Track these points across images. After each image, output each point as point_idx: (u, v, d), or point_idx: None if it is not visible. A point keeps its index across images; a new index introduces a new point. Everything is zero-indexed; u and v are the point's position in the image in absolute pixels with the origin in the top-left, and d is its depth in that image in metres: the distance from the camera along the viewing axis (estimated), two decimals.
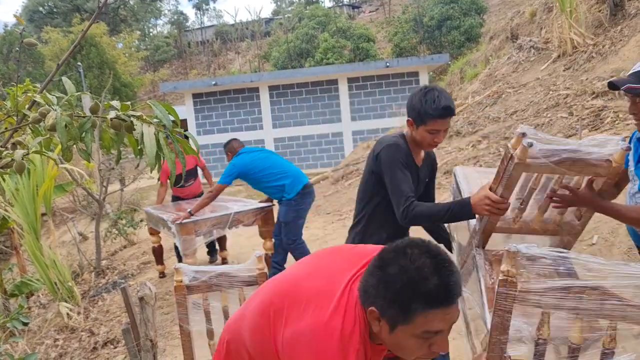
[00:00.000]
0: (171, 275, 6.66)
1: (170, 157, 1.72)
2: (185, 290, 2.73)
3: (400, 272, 1.35)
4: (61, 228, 11.37)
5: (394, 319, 1.37)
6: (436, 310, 1.33)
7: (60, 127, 1.63)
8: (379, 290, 1.38)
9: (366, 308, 1.42)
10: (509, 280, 1.68)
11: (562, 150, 2.16)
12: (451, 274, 1.35)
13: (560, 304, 1.67)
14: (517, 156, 2.14)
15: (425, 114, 2.61)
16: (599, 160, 2.18)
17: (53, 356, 5.29)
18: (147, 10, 47.88)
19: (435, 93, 2.61)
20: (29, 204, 6.09)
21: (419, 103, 2.63)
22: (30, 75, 27.27)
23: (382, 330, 1.41)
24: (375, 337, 1.48)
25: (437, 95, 2.59)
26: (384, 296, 1.37)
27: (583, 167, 2.19)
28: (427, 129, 2.64)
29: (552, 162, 2.14)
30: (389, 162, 2.71)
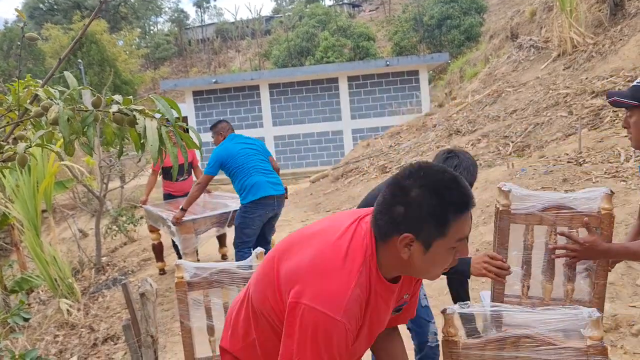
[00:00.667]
0: (171, 272, 6.67)
1: (172, 152, 1.72)
2: (186, 286, 2.74)
3: (427, 190, 1.40)
4: (61, 225, 11.38)
5: (430, 235, 1.41)
6: (464, 215, 1.43)
7: (63, 121, 1.63)
8: (410, 213, 1.41)
9: (393, 237, 1.44)
10: (450, 340, 1.84)
11: (546, 198, 2.34)
12: (462, 180, 1.45)
13: (500, 355, 1.81)
14: (501, 204, 2.34)
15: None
16: (586, 208, 2.28)
17: (53, 352, 5.30)
18: (148, 8, 47.85)
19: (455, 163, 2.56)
20: (29, 200, 6.09)
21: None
22: (30, 72, 27.21)
23: (414, 254, 1.44)
24: (387, 270, 1.51)
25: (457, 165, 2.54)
26: (418, 217, 1.40)
27: (572, 216, 2.29)
28: None
29: (538, 210, 2.32)
30: None
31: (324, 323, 1.38)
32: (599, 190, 2.30)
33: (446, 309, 1.87)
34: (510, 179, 6.70)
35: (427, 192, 1.40)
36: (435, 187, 1.41)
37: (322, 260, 1.46)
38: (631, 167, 5.84)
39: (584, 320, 1.74)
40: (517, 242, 2.44)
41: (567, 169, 6.26)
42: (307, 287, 1.42)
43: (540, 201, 2.36)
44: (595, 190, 2.30)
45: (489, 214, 6.07)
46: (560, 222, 2.31)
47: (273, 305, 1.53)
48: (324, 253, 1.47)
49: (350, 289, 1.41)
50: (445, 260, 1.47)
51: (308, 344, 1.40)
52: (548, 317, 1.82)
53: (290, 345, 1.43)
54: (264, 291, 1.57)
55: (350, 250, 1.47)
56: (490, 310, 1.88)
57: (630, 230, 2.55)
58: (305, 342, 1.40)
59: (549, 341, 1.76)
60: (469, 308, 1.89)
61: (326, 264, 1.45)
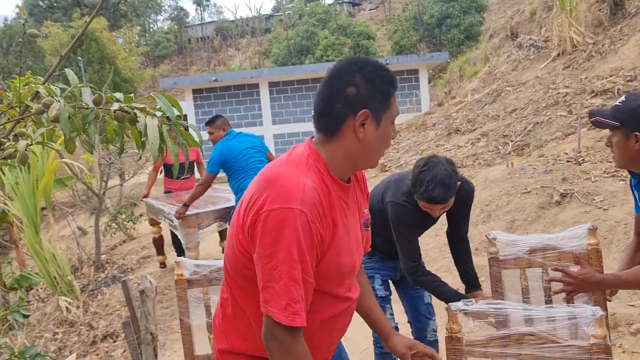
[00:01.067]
0: (170, 270, 6.68)
1: (173, 150, 1.73)
2: (186, 284, 2.74)
3: (367, 72, 1.57)
4: (61, 222, 11.38)
5: (380, 109, 1.57)
6: (394, 95, 1.62)
7: (64, 119, 1.64)
8: (363, 90, 1.55)
9: (347, 121, 1.56)
10: (453, 336, 1.87)
11: (532, 241, 2.48)
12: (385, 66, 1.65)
13: (504, 352, 1.84)
14: (490, 252, 2.50)
15: (415, 192, 2.64)
16: (572, 247, 2.40)
17: (52, 349, 5.31)
18: (148, 6, 47.78)
19: (428, 178, 2.55)
20: (28, 198, 6.10)
21: (413, 177, 2.64)
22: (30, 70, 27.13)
23: (368, 132, 1.56)
24: (337, 170, 1.62)
25: (429, 180, 2.54)
26: (370, 91, 1.55)
27: (559, 255, 2.41)
28: (420, 203, 2.68)
29: (525, 253, 2.47)
30: (396, 221, 2.80)
31: (283, 216, 1.44)
32: (582, 227, 2.42)
33: (450, 306, 1.88)
34: (509, 177, 6.71)
35: (369, 73, 1.57)
36: (372, 69, 1.58)
37: (269, 175, 1.55)
38: None
39: (587, 318, 1.75)
40: (513, 285, 2.54)
41: (566, 168, 6.27)
42: (262, 199, 1.48)
43: (526, 244, 2.49)
44: (579, 228, 2.43)
45: (487, 213, 6.08)
46: (549, 262, 2.42)
47: (242, 248, 1.57)
48: (268, 171, 1.58)
49: (302, 182, 1.50)
50: (390, 135, 1.62)
51: (276, 244, 1.45)
52: (552, 315, 1.85)
53: (261, 255, 1.48)
54: (232, 246, 1.63)
55: (291, 159, 1.60)
56: (494, 307, 1.89)
57: (626, 250, 2.58)
58: (273, 243, 1.45)
59: (553, 339, 1.77)
60: (472, 305, 1.90)
61: (273, 175, 1.54)
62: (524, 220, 5.58)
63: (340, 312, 1.70)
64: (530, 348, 1.81)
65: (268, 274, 1.47)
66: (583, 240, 2.39)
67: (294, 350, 1.51)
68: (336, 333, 1.75)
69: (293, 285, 1.47)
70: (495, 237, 2.54)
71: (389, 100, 1.58)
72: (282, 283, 1.46)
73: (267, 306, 1.49)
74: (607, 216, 4.95)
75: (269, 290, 1.48)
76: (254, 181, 1.58)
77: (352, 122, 1.55)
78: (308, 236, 1.47)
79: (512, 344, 1.83)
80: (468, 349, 1.88)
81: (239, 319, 1.68)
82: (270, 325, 1.50)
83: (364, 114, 1.54)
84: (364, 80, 1.55)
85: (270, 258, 1.46)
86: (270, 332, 1.50)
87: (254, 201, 1.51)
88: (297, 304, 1.48)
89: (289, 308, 1.46)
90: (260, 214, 1.47)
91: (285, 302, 1.46)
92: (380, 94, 1.56)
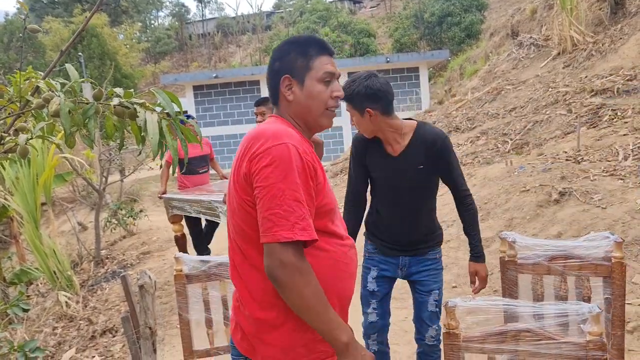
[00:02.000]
0: (170, 266, 6.69)
1: (173, 145, 1.74)
2: (185, 279, 2.76)
3: (291, 42, 1.82)
4: (61, 218, 11.39)
5: (301, 70, 1.76)
6: (325, 56, 1.79)
7: (64, 113, 1.65)
8: (283, 60, 1.78)
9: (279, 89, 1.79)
10: (451, 333, 1.89)
11: (552, 246, 2.41)
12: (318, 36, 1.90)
13: (501, 348, 1.85)
14: (507, 255, 2.43)
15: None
16: (597, 257, 2.32)
17: (52, 344, 5.32)
18: (149, 2, 47.71)
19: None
20: (28, 193, 6.11)
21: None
22: (31, 65, 27.09)
23: (295, 93, 1.77)
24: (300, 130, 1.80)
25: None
26: (288, 60, 1.77)
27: (580, 264, 2.33)
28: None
29: (545, 260, 2.40)
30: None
31: (278, 151, 1.57)
32: (603, 235, 2.36)
33: (448, 302, 1.89)
34: (508, 176, 6.72)
35: (292, 44, 1.81)
36: (296, 39, 1.83)
37: (254, 133, 1.68)
38: (629, 165, 5.86)
39: (584, 315, 1.77)
40: (524, 290, 2.50)
41: (566, 167, 6.28)
42: (256, 146, 1.61)
43: (546, 250, 2.43)
44: (603, 237, 2.36)
45: (486, 211, 6.09)
46: (569, 271, 2.37)
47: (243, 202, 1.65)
48: (252, 131, 1.72)
49: (285, 128, 1.68)
50: (321, 93, 1.77)
51: (274, 173, 1.55)
52: (549, 311, 1.86)
53: (261, 188, 1.57)
54: (234, 209, 1.71)
55: (263, 124, 1.77)
56: (492, 303, 1.91)
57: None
58: (272, 174, 1.55)
59: (549, 335, 1.79)
60: (471, 301, 1.92)
61: (259, 131, 1.68)
62: (522, 218, 5.59)
63: (341, 254, 1.76)
64: (527, 344, 1.82)
65: (268, 204, 1.55)
66: (604, 249, 2.33)
67: (304, 269, 1.54)
68: (344, 281, 1.77)
69: (297, 206, 1.54)
70: (515, 239, 2.48)
71: (309, 60, 1.77)
72: (286, 206, 1.53)
73: (269, 233, 1.53)
74: (605, 215, 4.96)
75: (270, 218, 1.53)
76: (242, 142, 1.70)
77: (282, 89, 1.78)
78: (303, 165, 1.60)
79: (508, 340, 1.84)
80: (465, 345, 1.89)
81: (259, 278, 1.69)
82: (274, 252, 1.53)
83: (285, 79, 1.76)
84: (283, 52, 1.80)
85: (270, 188, 1.55)
86: (276, 260, 1.53)
87: (246, 151, 1.64)
88: (304, 221, 1.54)
89: (297, 225, 1.53)
90: (255, 156, 1.60)
91: (292, 221, 1.52)
92: (299, 56, 1.77)
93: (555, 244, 2.46)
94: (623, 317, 2.35)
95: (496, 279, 4.66)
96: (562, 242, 2.46)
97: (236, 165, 1.68)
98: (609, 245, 2.33)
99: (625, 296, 3.97)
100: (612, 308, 2.34)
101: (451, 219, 6.26)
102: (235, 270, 1.76)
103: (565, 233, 4.98)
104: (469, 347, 1.90)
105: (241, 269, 1.72)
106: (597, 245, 2.37)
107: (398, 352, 3.85)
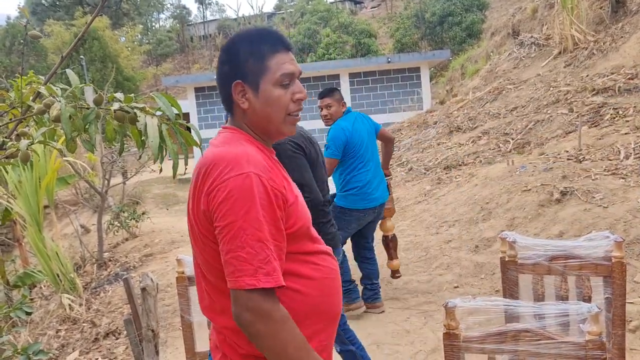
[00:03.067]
0: (172, 268, 6.71)
1: (173, 149, 1.75)
2: (187, 281, 2.77)
3: (240, 41, 1.58)
4: (63, 220, 11.42)
5: (255, 75, 1.55)
6: (281, 52, 1.57)
7: (65, 118, 1.66)
8: (232, 64, 1.57)
9: (232, 88, 1.57)
10: (451, 333, 1.88)
11: (552, 246, 2.41)
12: (272, 28, 1.66)
13: (501, 348, 1.85)
14: (508, 255, 2.43)
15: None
16: (597, 257, 2.32)
17: (55, 347, 5.34)
18: (150, 4, 47.78)
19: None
20: (31, 196, 6.13)
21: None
22: (33, 68, 27.24)
23: (251, 100, 1.56)
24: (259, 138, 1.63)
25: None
26: (238, 63, 1.56)
27: (580, 264, 2.33)
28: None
29: (545, 259, 2.40)
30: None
31: (238, 183, 1.39)
32: (603, 234, 2.37)
33: (448, 303, 1.90)
34: (510, 175, 6.72)
35: (241, 42, 1.57)
36: (247, 36, 1.58)
37: (209, 160, 1.48)
38: (631, 164, 5.86)
39: (583, 315, 1.77)
40: (525, 290, 2.50)
41: (567, 166, 6.28)
42: (212, 177, 1.43)
43: (546, 250, 2.43)
44: (603, 237, 2.36)
45: (488, 211, 6.09)
46: (569, 271, 2.37)
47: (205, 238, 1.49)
48: (205, 159, 1.50)
49: (242, 150, 1.47)
50: (280, 98, 1.57)
51: (234, 211, 1.38)
52: (549, 311, 1.86)
53: (221, 228, 1.40)
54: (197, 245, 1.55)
55: (218, 143, 1.56)
56: (492, 304, 1.91)
57: None
58: (231, 211, 1.38)
59: (549, 335, 1.79)
60: (471, 302, 1.92)
61: (213, 157, 1.47)
62: (524, 218, 5.60)
63: (328, 271, 1.64)
64: (527, 344, 1.82)
65: (228, 245, 1.38)
66: (604, 249, 2.33)
67: (274, 315, 1.38)
68: (333, 298, 1.65)
69: (260, 247, 1.37)
70: (515, 239, 2.48)
71: (262, 60, 1.55)
72: (248, 247, 1.37)
73: (232, 279, 1.37)
74: (606, 214, 4.96)
75: (232, 262, 1.37)
76: (195, 172, 1.51)
77: (235, 96, 1.57)
78: (267, 196, 1.42)
79: (508, 341, 1.84)
80: (465, 345, 1.90)
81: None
82: (240, 298, 1.37)
83: (237, 85, 1.56)
84: (230, 55, 1.58)
85: (230, 227, 1.38)
86: (242, 306, 1.37)
87: (203, 181, 1.45)
88: (269, 265, 1.37)
89: (260, 270, 1.36)
90: (212, 189, 1.42)
91: (256, 265, 1.36)
92: (251, 58, 1.56)
93: (556, 244, 2.47)
94: (624, 316, 2.35)
95: (497, 279, 4.67)
96: (563, 242, 2.47)
97: (194, 196, 1.49)
98: (609, 244, 2.33)
99: (627, 295, 3.98)
100: (612, 307, 2.34)
101: (453, 219, 6.27)
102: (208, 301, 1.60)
103: (567, 232, 4.98)
104: (469, 348, 1.90)
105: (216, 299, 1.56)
106: (597, 245, 2.37)
107: (400, 353, 3.86)
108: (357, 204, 4.41)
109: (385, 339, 4.09)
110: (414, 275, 5.41)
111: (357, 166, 4.43)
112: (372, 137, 4.61)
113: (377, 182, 4.52)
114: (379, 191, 4.51)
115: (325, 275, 1.62)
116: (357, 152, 4.41)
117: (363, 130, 4.50)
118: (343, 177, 4.49)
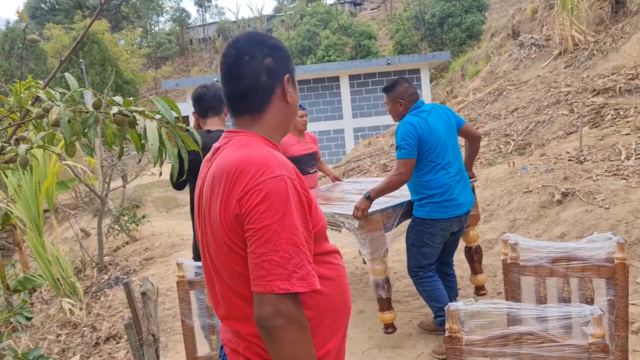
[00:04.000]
0: (173, 272, 6.69)
1: (173, 152, 1.74)
2: (188, 285, 2.76)
3: (271, 39, 1.63)
4: (63, 224, 11.41)
5: (293, 69, 1.65)
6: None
7: (64, 122, 1.65)
8: (277, 58, 1.59)
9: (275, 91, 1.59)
10: (453, 336, 1.87)
11: (554, 248, 2.41)
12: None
13: (503, 351, 1.84)
14: (510, 257, 2.44)
15: None
16: (599, 259, 2.33)
17: (56, 351, 5.32)
18: (149, 7, 47.87)
19: None
20: (31, 200, 6.12)
21: None
22: (32, 72, 27.29)
23: (292, 92, 1.63)
24: (274, 141, 1.64)
25: None
26: (284, 57, 1.61)
27: (583, 266, 2.34)
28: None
29: (548, 262, 2.41)
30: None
31: (271, 186, 1.37)
32: (606, 236, 2.37)
33: (450, 306, 1.89)
34: (511, 177, 6.71)
35: (269, 41, 1.61)
36: (268, 38, 1.63)
37: (234, 165, 1.44)
38: (632, 164, 5.84)
39: (586, 317, 1.76)
40: (527, 292, 2.50)
41: (568, 167, 6.27)
42: (244, 183, 1.39)
43: (548, 252, 2.43)
44: (605, 239, 2.36)
45: (489, 212, 6.08)
46: (572, 273, 2.37)
47: (234, 244, 1.46)
48: (230, 164, 1.46)
49: (267, 152, 1.45)
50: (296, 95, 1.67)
51: (268, 215, 1.35)
52: (551, 314, 1.86)
53: (253, 231, 1.37)
54: (220, 253, 1.51)
55: (238, 148, 1.51)
56: (494, 307, 1.90)
57: None
58: (265, 216, 1.35)
59: (552, 338, 1.78)
60: (473, 305, 1.91)
61: (239, 162, 1.44)
62: (525, 219, 5.58)
63: (341, 269, 1.64)
64: (529, 347, 1.82)
65: (261, 249, 1.36)
66: (607, 250, 2.34)
67: (302, 321, 1.37)
68: (346, 296, 1.65)
69: (295, 251, 1.36)
70: (517, 241, 2.47)
71: (291, 61, 1.65)
72: (283, 252, 1.35)
73: (262, 282, 1.35)
74: (608, 215, 4.95)
75: (263, 266, 1.35)
76: (217, 178, 1.47)
77: (279, 90, 1.58)
78: (300, 199, 1.42)
79: (511, 344, 1.84)
80: (468, 349, 1.89)
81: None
82: (269, 302, 1.34)
83: (288, 78, 1.60)
84: (271, 49, 1.59)
85: (265, 231, 1.35)
86: (274, 310, 1.34)
87: (229, 189, 1.42)
88: (303, 269, 1.36)
89: (294, 275, 1.35)
90: (246, 193, 1.38)
91: (290, 270, 1.34)
92: (287, 57, 1.63)
93: (558, 246, 2.47)
94: (626, 318, 2.35)
95: (499, 282, 4.66)
96: (565, 244, 2.47)
97: (221, 202, 1.44)
98: (612, 246, 2.34)
99: (629, 297, 3.97)
100: (615, 309, 2.34)
101: None
102: (228, 307, 1.57)
103: (569, 234, 4.97)
104: (472, 351, 1.89)
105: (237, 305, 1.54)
106: (599, 246, 2.37)
107: (402, 356, 3.84)
108: (440, 213, 3.76)
109: (387, 342, 4.07)
110: None
111: (435, 167, 3.74)
112: (451, 133, 3.88)
113: (461, 185, 3.84)
114: (464, 196, 3.84)
115: (340, 274, 1.63)
116: (433, 150, 3.72)
117: (439, 125, 3.77)
118: (418, 182, 3.82)
